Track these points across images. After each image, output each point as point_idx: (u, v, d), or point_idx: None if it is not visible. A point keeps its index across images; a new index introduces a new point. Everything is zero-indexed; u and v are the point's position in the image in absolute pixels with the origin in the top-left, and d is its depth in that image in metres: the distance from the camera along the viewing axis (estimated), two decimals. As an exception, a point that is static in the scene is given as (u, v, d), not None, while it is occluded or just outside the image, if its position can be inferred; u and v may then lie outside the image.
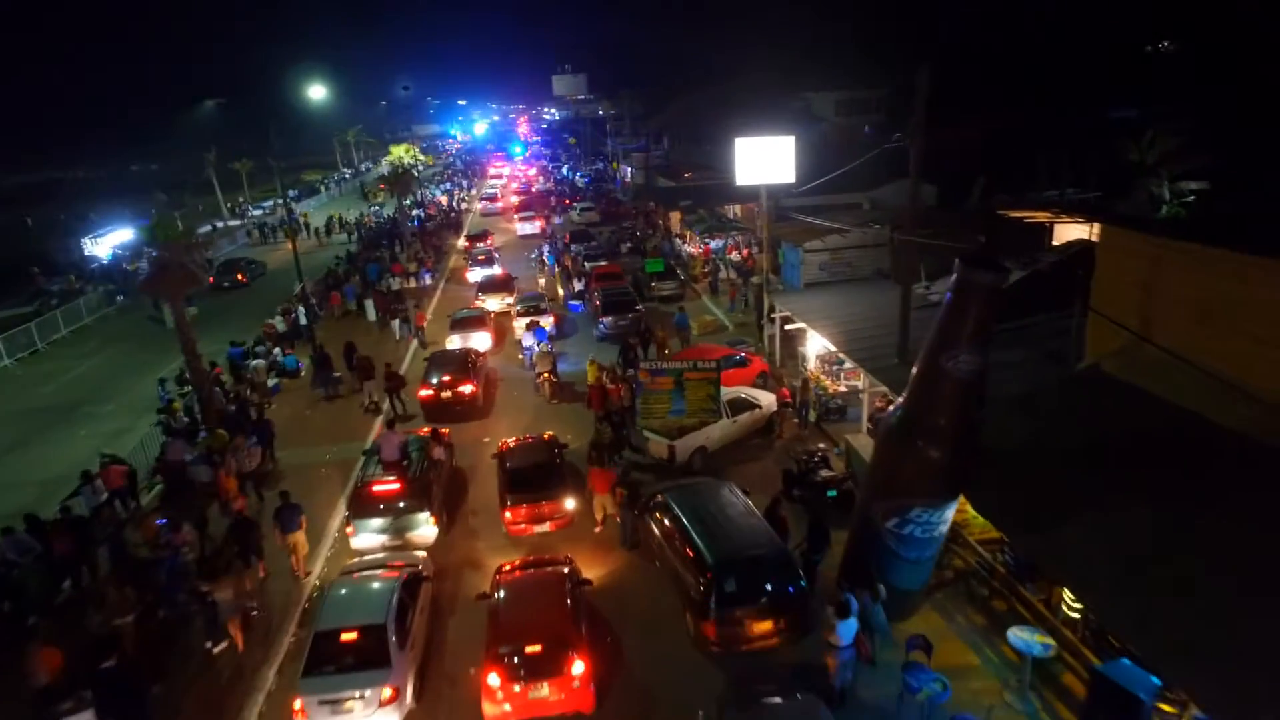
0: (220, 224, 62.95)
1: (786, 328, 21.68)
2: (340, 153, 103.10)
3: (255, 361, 22.60)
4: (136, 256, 17.24)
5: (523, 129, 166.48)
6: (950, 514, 11.41)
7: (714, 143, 70.13)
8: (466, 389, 20.95)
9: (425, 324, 28.16)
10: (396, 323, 27.86)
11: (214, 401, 18.56)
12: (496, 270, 35.20)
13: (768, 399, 18.91)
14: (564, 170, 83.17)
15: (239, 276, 40.62)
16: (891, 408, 12.08)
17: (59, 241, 47.62)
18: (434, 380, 21.08)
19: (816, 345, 20.52)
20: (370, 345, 26.03)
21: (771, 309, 23.05)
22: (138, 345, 30.89)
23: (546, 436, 17.52)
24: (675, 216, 41.32)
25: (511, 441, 17.03)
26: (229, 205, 70.43)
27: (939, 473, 10.93)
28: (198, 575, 13.43)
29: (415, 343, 27.08)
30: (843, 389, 19.54)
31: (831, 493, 15.08)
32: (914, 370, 11.16)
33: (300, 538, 14.32)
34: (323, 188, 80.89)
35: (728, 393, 18.02)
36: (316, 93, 75.32)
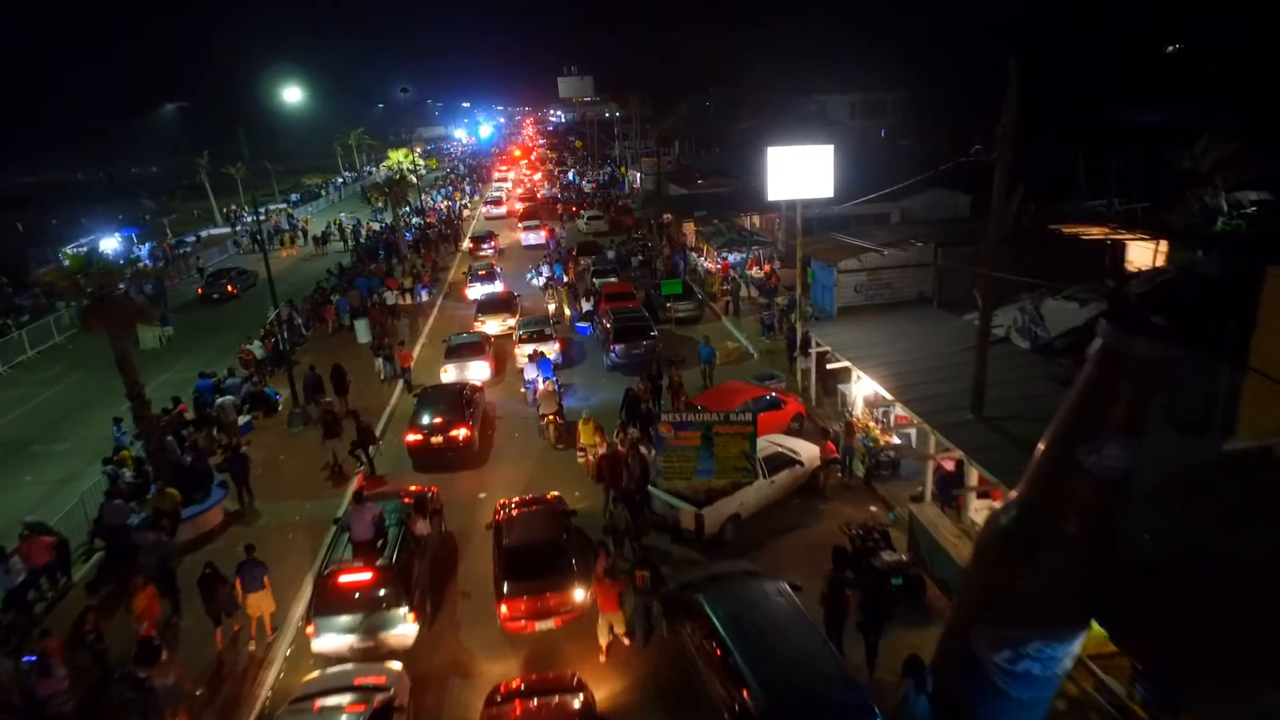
0: (210, 231, 60.54)
1: (828, 367, 18.90)
2: (342, 155, 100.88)
3: (223, 399, 19.97)
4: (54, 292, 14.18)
5: (529, 131, 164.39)
6: (1078, 646, 8.70)
7: (726, 146, 67.80)
8: (461, 433, 18.33)
9: (412, 363, 24.49)
10: (380, 361, 24.48)
11: (166, 453, 15.93)
12: (498, 287, 32.59)
13: (808, 451, 16.25)
14: (570, 174, 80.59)
15: (228, 288, 38.37)
16: (999, 505, 9.36)
17: (37, 250, 45.13)
18: (424, 423, 18.49)
19: (863, 385, 17.79)
20: (356, 374, 23.46)
21: (806, 341, 20.38)
22: (109, 370, 28.19)
23: (551, 498, 14.95)
24: (689, 228, 38.65)
25: (511, 506, 14.45)
26: (223, 211, 68.13)
27: (1069, 597, 8.21)
28: (135, 660, 10.91)
29: (400, 384, 23.73)
30: (894, 440, 16.83)
31: (896, 580, 12.40)
32: (1034, 460, 8.44)
33: (262, 601, 12.55)
34: (322, 192, 78.40)
35: (763, 445, 15.38)
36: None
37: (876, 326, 19.44)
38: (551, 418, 18.95)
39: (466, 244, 47.23)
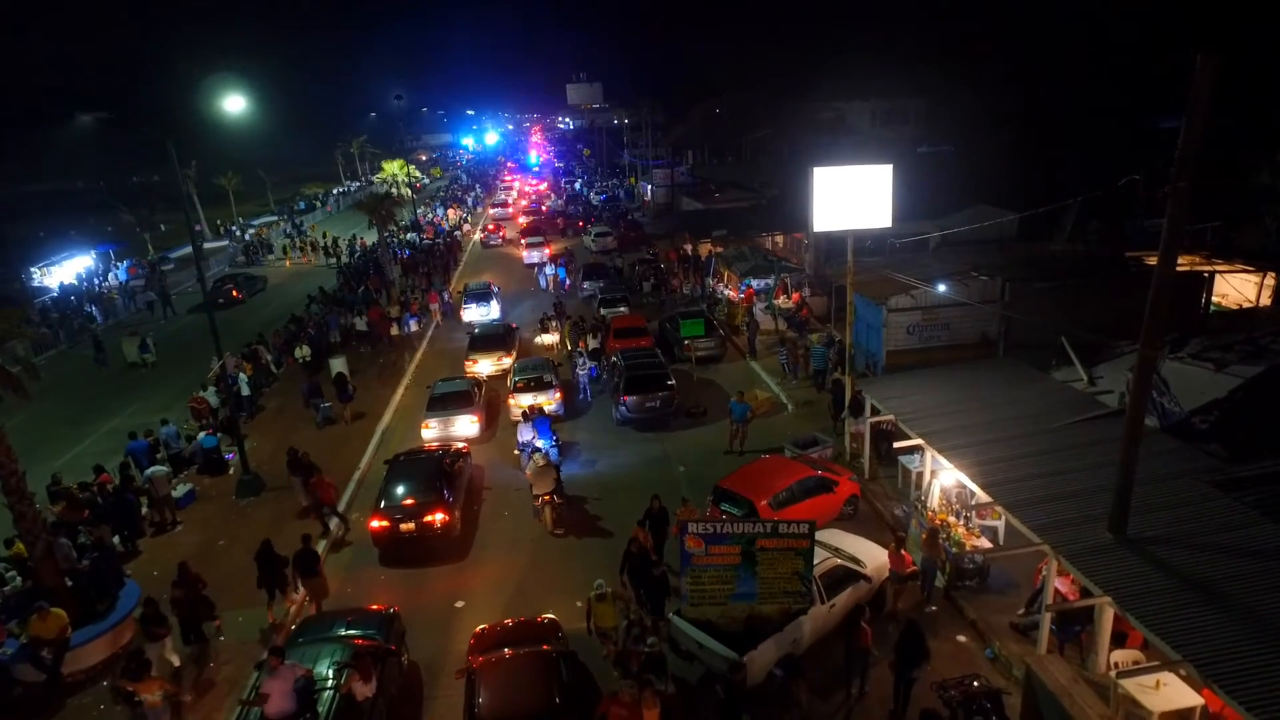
0: (202, 243, 57.49)
1: (895, 446, 15.23)
2: (344, 164, 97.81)
3: (153, 470, 16.56)
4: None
5: (537, 138, 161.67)
6: None
7: (741, 155, 64.42)
8: (438, 518, 14.92)
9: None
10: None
11: (54, 559, 12.47)
12: (494, 309, 29.35)
13: (874, 559, 12.71)
14: (577, 185, 77.23)
15: (233, 293, 38.81)
16: None
17: (5, 270, 42.05)
18: (393, 504, 15.10)
19: (942, 471, 14.17)
20: (322, 446, 20.08)
21: (859, 402, 16.85)
22: (64, 404, 25.30)
23: (544, 624, 11.62)
24: (706, 249, 35.16)
25: (491, 639, 11.08)
26: (219, 223, 65.23)
27: None
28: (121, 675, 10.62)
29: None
30: (981, 541, 13.26)
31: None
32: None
33: None
34: (317, 204, 75.15)
35: (819, 556, 11.86)
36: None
37: (943, 384, 15.88)
38: (547, 498, 15.49)
39: (478, 235, 53.13)
